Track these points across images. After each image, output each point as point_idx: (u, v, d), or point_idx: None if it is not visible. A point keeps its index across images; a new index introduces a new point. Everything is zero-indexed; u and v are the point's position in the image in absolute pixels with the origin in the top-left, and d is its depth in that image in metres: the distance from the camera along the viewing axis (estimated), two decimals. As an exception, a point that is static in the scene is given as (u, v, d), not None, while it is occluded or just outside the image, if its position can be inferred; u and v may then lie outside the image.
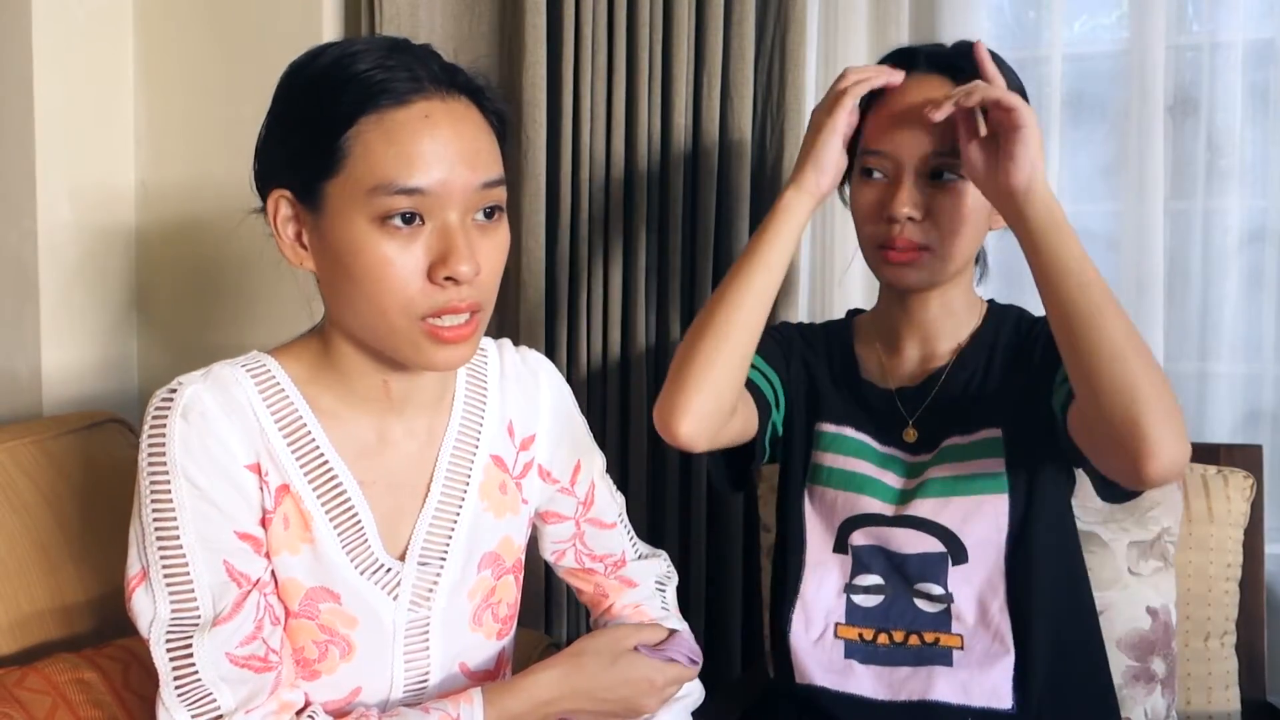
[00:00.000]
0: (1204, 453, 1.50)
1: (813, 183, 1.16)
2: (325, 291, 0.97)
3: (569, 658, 1.06)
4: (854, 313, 1.40)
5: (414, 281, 0.90)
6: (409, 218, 0.89)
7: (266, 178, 0.96)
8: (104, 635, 1.22)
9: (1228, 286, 1.62)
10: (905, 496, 1.20)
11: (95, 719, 1.09)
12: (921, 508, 1.18)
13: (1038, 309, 1.61)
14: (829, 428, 1.27)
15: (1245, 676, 1.46)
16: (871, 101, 1.21)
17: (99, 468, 1.31)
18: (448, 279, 0.90)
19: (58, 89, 1.56)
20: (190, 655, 0.91)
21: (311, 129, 0.91)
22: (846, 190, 1.28)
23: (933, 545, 1.17)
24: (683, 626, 1.19)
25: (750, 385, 1.24)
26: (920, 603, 1.18)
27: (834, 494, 1.23)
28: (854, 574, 1.21)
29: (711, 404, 1.16)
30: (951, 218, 1.16)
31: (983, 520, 1.16)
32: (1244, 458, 1.50)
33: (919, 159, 1.16)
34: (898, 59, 1.21)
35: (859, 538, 1.21)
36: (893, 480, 1.22)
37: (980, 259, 1.30)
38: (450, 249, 0.90)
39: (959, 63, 1.17)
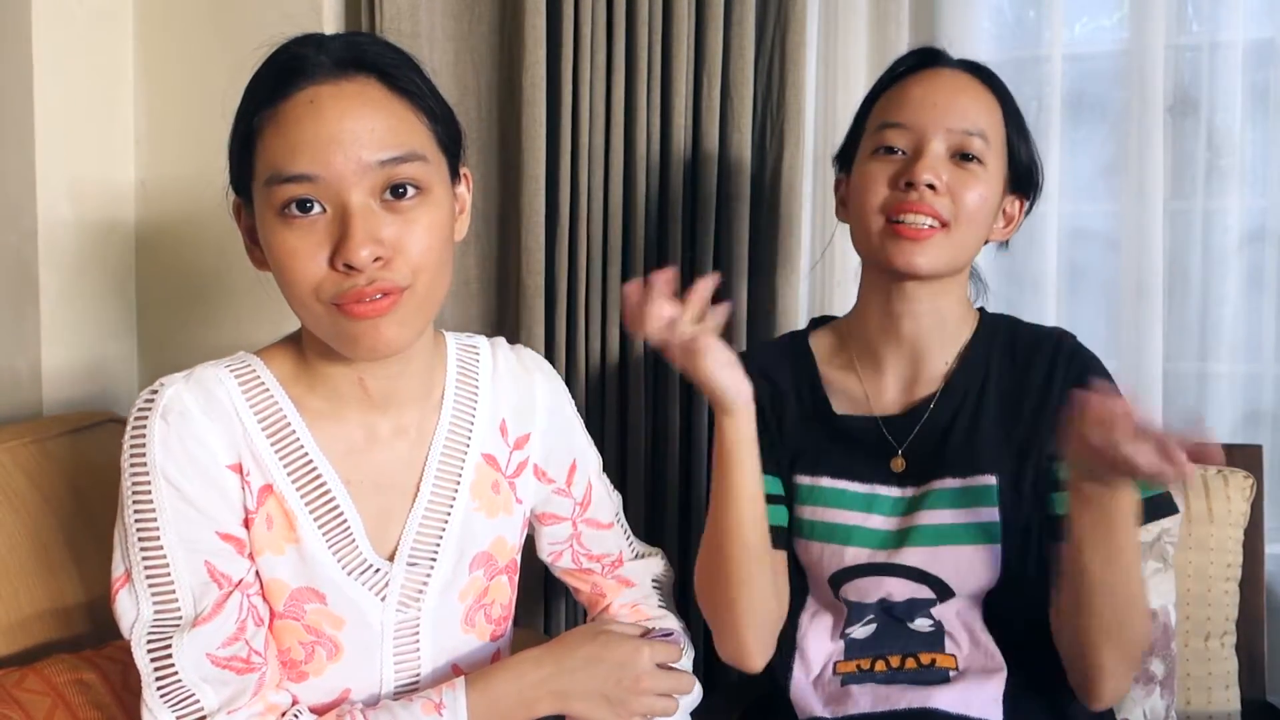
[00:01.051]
0: (1204, 453, 1.50)
1: (732, 399, 1.08)
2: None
3: (552, 642, 1.05)
4: (818, 321, 1.33)
5: (318, 269, 0.89)
6: (304, 205, 0.89)
7: (231, 183, 0.98)
8: (103, 636, 1.21)
9: (1228, 286, 1.62)
10: (894, 540, 1.16)
11: None
12: (911, 556, 1.14)
13: (1036, 311, 1.63)
14: (804, 480, 1.21)
15: (1245, 676, 1.46)
16: (888, 87, 1.20)
17: (99, 468, 1.31)
18: (346, 265, 0.88)
19: (58, 88, 1.56)
20: (170, 656, 0.91)
21: (234, 134, 0.94)
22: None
23: (923, 592, 1.14)
24: (678, 625, 1.19)
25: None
26: (913, 625, 1.16)
27: (819, 546, 1.19)
28: (847, 624, 1.18)
29: (763, 625, 1.15)
30: (970, 200, 1.12)
31: (974, 571, 1.13)
32: (1244, 458, 1.50)
33: (945, 131, 1.13)
34: (925, 53, 1.20)
35: (849, 591, 1.18)
36: (879, 522, 1.17)
37: (974, 274, 1.26)
38: (345, 235, 0.88)
39: (983, 70, 1.18)
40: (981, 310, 1.25)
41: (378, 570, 1.00)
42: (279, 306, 1.07)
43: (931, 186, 1.11)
